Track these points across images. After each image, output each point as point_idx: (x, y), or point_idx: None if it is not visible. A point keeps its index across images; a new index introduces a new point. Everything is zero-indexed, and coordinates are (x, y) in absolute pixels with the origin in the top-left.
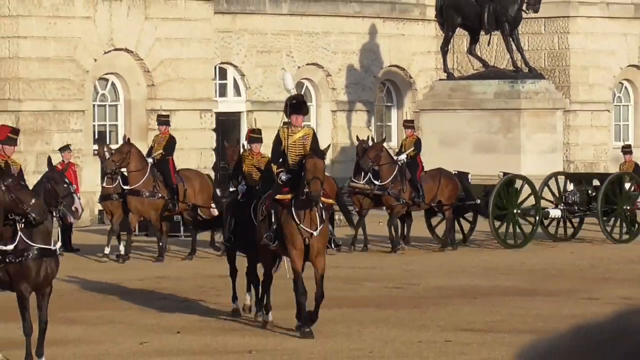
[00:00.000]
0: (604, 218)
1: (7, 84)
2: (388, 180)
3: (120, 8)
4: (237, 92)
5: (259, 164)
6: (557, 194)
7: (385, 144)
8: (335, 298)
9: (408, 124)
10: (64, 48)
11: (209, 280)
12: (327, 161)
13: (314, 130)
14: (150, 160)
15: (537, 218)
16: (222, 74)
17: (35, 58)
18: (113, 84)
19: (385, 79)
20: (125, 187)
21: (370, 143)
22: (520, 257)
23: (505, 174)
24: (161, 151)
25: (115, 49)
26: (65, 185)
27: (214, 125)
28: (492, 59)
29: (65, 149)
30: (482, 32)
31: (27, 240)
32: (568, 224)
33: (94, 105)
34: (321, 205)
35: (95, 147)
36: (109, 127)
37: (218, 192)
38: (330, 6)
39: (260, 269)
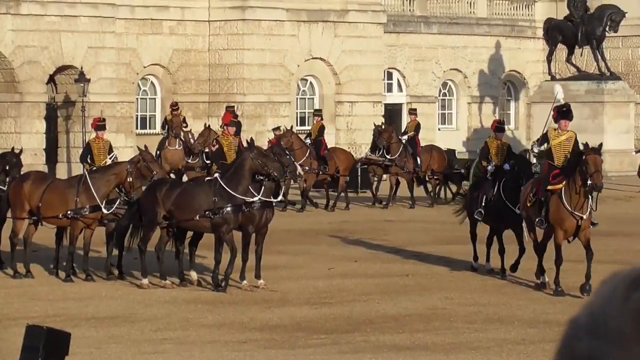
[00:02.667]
0: None
1: (235, 83)
2: (396, 155)
3: (317, 28)
4: (400, 89)
5: (503, 148)
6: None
7: (507, 128)
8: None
9: (412, 111)
10: (275, 57)
11: (379, 224)
12: (464, 138)
13: (575, 134)
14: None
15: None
16: (389, 75)
17: (255, 64)
18: (311, 83)
19: (506, 79)
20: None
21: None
22: (601, 208)
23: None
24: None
25: (313, 58)
26: (288, 157)
27: (382, 113)
28: (584, 65)
29: (276, 129)
30: (577, 47)
31: (255, 194)
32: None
33: (297, 98)
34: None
35: (298, 127)
36: (307, 113)
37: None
38: (467, 28)
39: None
